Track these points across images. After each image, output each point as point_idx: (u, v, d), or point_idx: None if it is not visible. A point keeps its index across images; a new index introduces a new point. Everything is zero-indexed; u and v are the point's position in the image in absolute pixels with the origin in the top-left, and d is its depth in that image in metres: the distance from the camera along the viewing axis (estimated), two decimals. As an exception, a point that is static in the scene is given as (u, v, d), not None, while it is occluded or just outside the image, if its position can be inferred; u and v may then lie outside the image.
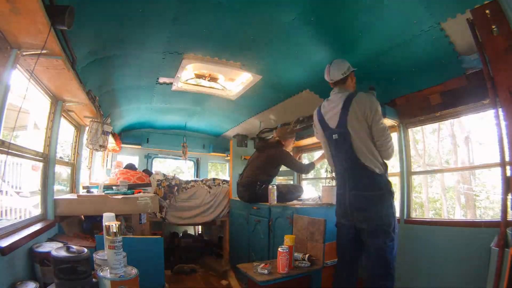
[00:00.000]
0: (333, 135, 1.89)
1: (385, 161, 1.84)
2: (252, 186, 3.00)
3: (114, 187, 2.76)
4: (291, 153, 3.35)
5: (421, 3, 1.63)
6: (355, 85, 2.04)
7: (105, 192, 2.57)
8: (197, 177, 5.34)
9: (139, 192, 2.74)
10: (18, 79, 1.62)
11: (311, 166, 3.10)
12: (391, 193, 1.78)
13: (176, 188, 3.70)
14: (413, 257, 2.27)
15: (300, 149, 4.30)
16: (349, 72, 1.96)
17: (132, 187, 2.94)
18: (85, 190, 2.63)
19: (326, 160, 3.08)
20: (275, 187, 2.78)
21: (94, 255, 1.45)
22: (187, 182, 3.90)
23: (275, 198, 2.74)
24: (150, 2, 1.71)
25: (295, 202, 3.06)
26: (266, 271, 1.81)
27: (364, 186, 1.77)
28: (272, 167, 3.15)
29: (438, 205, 9.31)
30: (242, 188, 3.12)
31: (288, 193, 2.98)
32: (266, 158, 3.11)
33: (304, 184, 4.22)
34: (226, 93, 3.37)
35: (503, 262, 1.23)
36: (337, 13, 1.83)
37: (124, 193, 2.56)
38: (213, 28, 2.02)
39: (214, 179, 4.18)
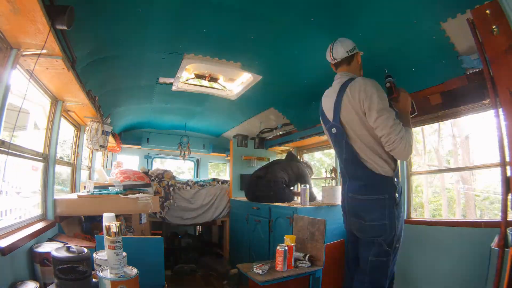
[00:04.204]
0: (332, 129, 1.65)
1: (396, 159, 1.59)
2: (276, 186, 3.04)
3: (110, 187, 2.75)
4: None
5: (421, 3, 1.63)
6: (361, 70, 1.76)
7: (98, 192, 2.53)
8: (197, 177, 5.34)
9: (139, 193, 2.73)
10: (18, 79, 1.62)
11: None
12: (393, 199, 1.51)
13: (172, 188, 3.71)
14: (413, 258, 2.27)
15: (301, 149, 4.30)
16: (355, 51, 1.69)
17: (129, 188, 2.93)
18: (85, 190, 2.62)
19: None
20: (308, 187, 2.70)
21: (94, 255, 1.45)
22: (187, 182, 3.90)
23: (308, 199, 2.66)
24: (150, 2, 1.71)
25: (296, 201, 3.06)
26: (266, 271, 1.81)
27: (360, 188, 1.56)
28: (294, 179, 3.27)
29: (435, 205, 9.30)
30: (264, 186, 3.10)
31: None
32: (295, 170, 3.25)
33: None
34: (226, 93, 3.37)
35: (503, 262, 1.23)
36: (337, 13, 1.82)
37: (118, 193, 2.54)
38: (213, 28, 2.02)
39: (214, 179, 4.19)
